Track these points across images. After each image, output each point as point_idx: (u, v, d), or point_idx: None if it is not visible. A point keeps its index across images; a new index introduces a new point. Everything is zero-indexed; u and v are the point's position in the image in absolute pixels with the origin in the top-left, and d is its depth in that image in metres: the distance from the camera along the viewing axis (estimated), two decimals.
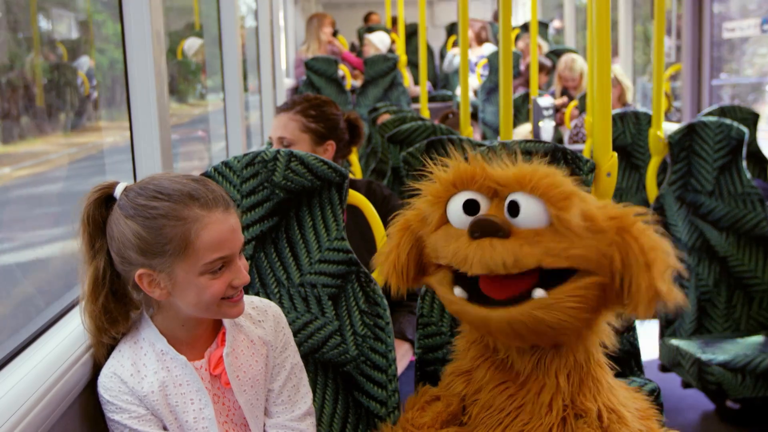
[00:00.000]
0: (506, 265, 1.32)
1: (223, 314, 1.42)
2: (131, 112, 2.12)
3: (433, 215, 1.45)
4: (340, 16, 8.91)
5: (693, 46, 4.68)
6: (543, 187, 1.34)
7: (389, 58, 6.05)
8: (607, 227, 1.32)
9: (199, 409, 1.42)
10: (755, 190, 3.05)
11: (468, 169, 1.43)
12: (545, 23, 7.92)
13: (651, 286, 1.28)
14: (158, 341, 1.43)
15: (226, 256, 1.37)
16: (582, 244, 1.32)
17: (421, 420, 1.52)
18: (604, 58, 1.83)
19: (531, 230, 1.34)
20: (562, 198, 1.32)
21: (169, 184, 1.38)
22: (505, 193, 1.39)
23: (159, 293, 1.38)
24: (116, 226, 1.38)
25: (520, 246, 1.32)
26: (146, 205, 1.36)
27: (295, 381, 1.54)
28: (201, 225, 1.35)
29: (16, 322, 1.85)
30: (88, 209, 1.40)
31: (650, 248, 1.30)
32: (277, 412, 1.52)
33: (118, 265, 1.40)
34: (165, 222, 1.34)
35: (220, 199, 1.39)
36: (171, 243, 1.34)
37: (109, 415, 1.40)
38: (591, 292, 1.33)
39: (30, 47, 2.24)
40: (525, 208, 1.34)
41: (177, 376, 1.42)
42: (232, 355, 1.46)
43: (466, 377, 1.52)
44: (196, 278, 1.36)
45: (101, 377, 1.42)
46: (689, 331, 2.97)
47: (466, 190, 1.42)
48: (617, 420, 1.43)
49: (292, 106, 2.39)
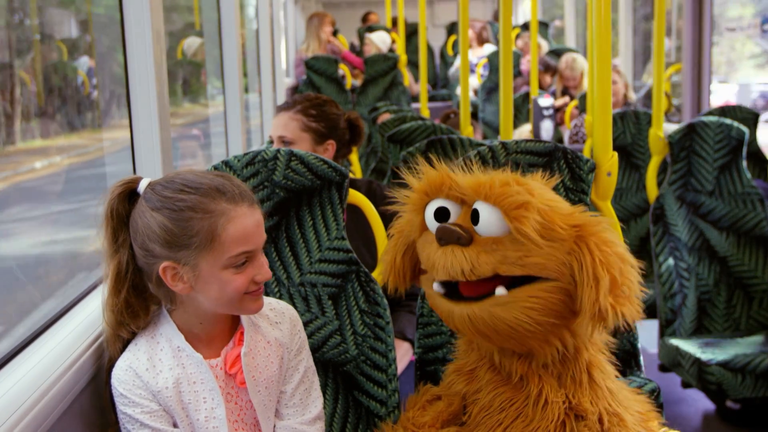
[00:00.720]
0: (464, 272, 1.36)
1: (245, 309, 1.43)
2: (131, 112, 2.12)
3: (414, 221, 1.49)
4: (340, 16, 8.91)
5: (693, 46, 4.68)
6: (496, 197, 1.36)
7: (389, 58, 6.05)
8: (566, 236, 1.34)
9: (211, 408, 1.42)
10: (755, 190, 3.05)
11: (436, 178, 1.46)
12: (545, 23, 7.92)
13: (595, 301, 1.28)
14: (175, 337, 1.43)
15: (251, 250, 1.38)
16: (539, 252, 1.34)
17: (422, 419, 1.52)
18: (604, 58, 1.83)
19: (490, 238, 1.37)
20: (515, 207, 1.34)
21: (195, 178, 1.40)
22: (470, 201, 1.42)
23: (182, 287, 1.38)
24: (141, 219, 1.38)
25: (477, 254, 1.36)
26: (173, 197, 1.37)
27: (307, 384, 1.55)
28: (227, 218, 1.36)
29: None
30: (111, 203, 1.41)
31: (602, 263, 1.30)
32: (288, 415, 1.52)
33: (141, 259, 1.40)
34: (192, 214, 1.35)
35: (246, 194, 1.41)
36: (197, 236, 1.35)
37: (121, 408, 1.40)
38: (553, 296, 1.34)
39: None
40: (484, 217, 1.38)
41: (192, 373, 1.42)
42: (250, 355, 1.46)
43: (467, 376, 1.53)
44: (219, 272, 1.36)
45: (116, 369, 1.42)
46: (689, 330, 2.97)
47: (438, 198, 1.46)
48: (618, 423, 1.43)
49: (292, 105, 2.39)
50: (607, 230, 1.36)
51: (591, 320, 1.29)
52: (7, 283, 2.10)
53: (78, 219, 2.65)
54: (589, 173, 1.75)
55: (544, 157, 1.73)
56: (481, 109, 6.24)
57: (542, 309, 1.34)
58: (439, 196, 1.46)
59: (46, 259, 2.42)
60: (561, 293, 1.35)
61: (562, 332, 1.39)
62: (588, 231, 1.34)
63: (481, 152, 1.73)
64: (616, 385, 1.50)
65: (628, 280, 1.30)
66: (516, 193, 1.35)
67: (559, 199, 1.41)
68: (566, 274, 1.34)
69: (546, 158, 1.73)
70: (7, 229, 2.26)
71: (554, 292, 1.34)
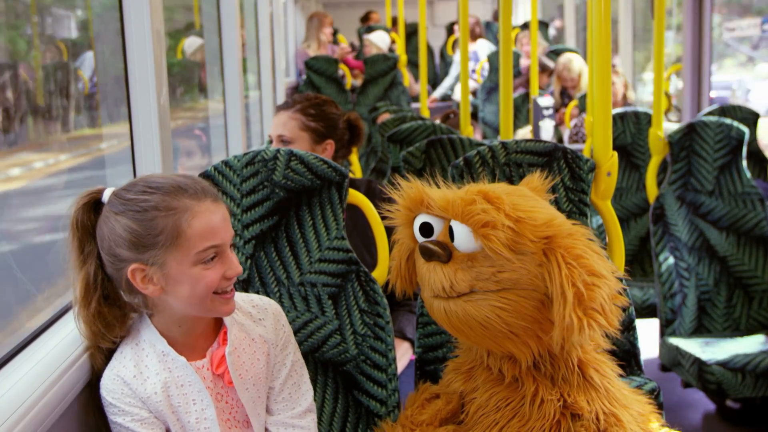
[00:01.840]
0: (444, 288, 1.42)
1: (216, 311, 1.42)
2: (131, 112, 2.12)
3: (404, 233, 1.54)
4: (340, 16, 8.92)
5: (693, 46, 4.68)
6: (463, 215, 1.40)
7: (389, 58, 6.05)
8: (535, 248, 1.36)
9: (201, 410, 1.42)
10: (755, 190, 3.05)
11: (415, 194, 1.49)
12: (545, 23, 7.92)
13: (563, 316, 1.30)
14: (158, 342, 1.43)
15: (218, 245, 1.38)
16: (511, 267, 1.37)
17: (421, 417, 1.53)
18: (604, 58, 1.83)
19: (466, 254, 1.41)
20: (481, 225, 1.37)
21: (157, 179, 1.40)
22: (448, 217, 1.44)
23: (152, 289, 1.37)
24: (106, 225, 1.38)
25: (454, 271, 1.41)
26: (136, 198, 1.37)
27: (295, 378, 1.55)
28: (192, 214, 1.36)
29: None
30: (76, 214, 1.41)
31: (567, 277, 1.31)
32: (279, 410, 1.53)
33: (109, 267, 1.40)
34: (156, 213, 1.35)
35: (208, 191, 1.41)
36: (163, 233, 1.34)
37: (112, 418, 1.40)
38: (526, 302, 1.37)
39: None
40: (457, 234, 1.41)
41: (178, 377, 1.42)
42: (235, 354, 1.46)
43: (465, 375, 1.53)
44: (189, 269, 1.36)
45: (104, 379, 1.42)
46: (689, 330, 2.97)
47: (421, 213, 1.49)
48: (615, 423, 1.44)
49: (292, 104, 2.40)
50: (578, 241, 1.36)
51: (561, 333, 1.31)
52: None
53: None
54: (589, 173, 1.75)
55: (544, 156, 1.73)
56: (481, 109, 6.24)
57: (513, 311, 1.37)
58: (421, 211, 1.49)
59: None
60: (535, 300, 1.37)
61: (537, 336, 1.40)
62: (556, 243, 1.35)
63: (481, 152, 1.73)
64: (615, 385, 1.50)
65: (595, 294, 1.30)
66: (482, 212, 1.38)
67: (537, 208, 1.41)
68: (540, 285, 1.36)
69: (546, 158, 1.73)
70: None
71: (528, 298, 1.38)
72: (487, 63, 6.41)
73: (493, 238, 1.35)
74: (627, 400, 1.50)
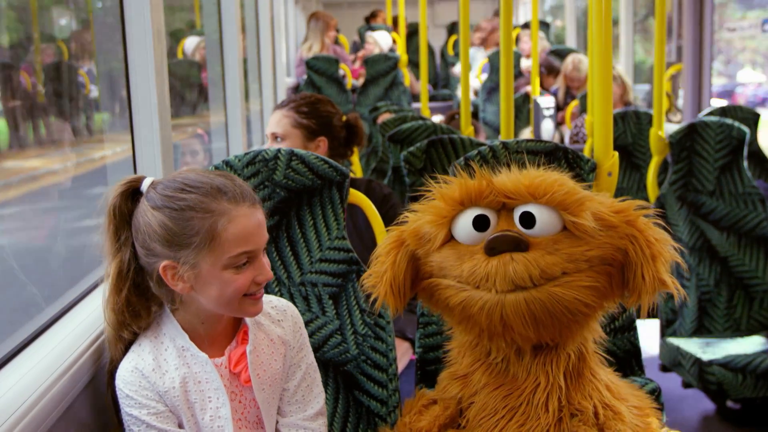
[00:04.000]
0: (533, 277, 1.35)
1: (244, 312, 1.42)
2: (131, 112, 2.11)
3: (438, 234, 1.45)
4: (340, 16, 8.90)
5: (694, 46, 4.68)
6: (559, 198, 1.39)
7: (390, 58, 6.05)
8: (616, 222, 1.39)
9: (216, 408, 1.42)
10: (756, 190, 3.05)
11: (476, 186, 1.44)
12: (546, 23, 7.92)
13: (655, 277, 1.35)
14: (179, 337, 1.43)
15: (252, 250, 1.38)
16: (597, 243, 1.38)
17: (419, 424, 1.52)
18: (605, 58, 1.83)
19: (547, 238, 1.38)
20: (577, 205, 1.38)
21: (196, 177, 1.40)
22: (514, 204, 1.42)
23: (182, 287, 1.38)
24: (143, 218, 1.38)
25: (542, 256, 1.36)
26: (174, 196, 1.37)
27: (309, 381, 1.55)
28: (228, 218, 1.36)
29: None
30: (114, 201, 1.41)
31: (655, 240, 1.37)
32: (291, 411, 1.52)
33: (143, 258, 1.40)
34: (192, 214, 1.35)
35: (247, 194, 1.40)
36: (197, 235, 1.34)
37: (127, 410, 1.40)
38: (603, 278, 1.39)
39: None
40: (540, 219, 1.39)
41: (197, 372, 1.42)
42: (254, 353, 1.46)
43: (461, 381, 1.53)
44: (220, 272, 1.36)
45: (121, 371, 1.41)
46: (690, 330, 2.96)
47: (472, 207, 1.44)
48: (613, 416, 1.44)
49: (286, 103, 2.45)
50: (642, 213, 1.43)
51: (650, 296, 1.37)
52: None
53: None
54: (590, 173, 1.75)
55: (545, 156, 1.73)
56: (482, 109, 6.24)
57: (597, 287, 1.39)
58: (476, 204, 1.44)
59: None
60: (607, 275, 1.40)
61: (592, 320, 1.45)
62: (632, 215, 1.41)
63: (482, 152, 1.73)
64: (613, 379, 1.50)
65: (673, 257, 1.41)
66: (575, 191, 1.41)
67: (590, 191, 1.47)
68: (618, 259, 1.39)
69: (547, 158, 1.73)
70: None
71: (603, 274, 1.39)
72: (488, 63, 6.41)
73: (586, 215, 1.37)
74: (624, 393, 1.50)
